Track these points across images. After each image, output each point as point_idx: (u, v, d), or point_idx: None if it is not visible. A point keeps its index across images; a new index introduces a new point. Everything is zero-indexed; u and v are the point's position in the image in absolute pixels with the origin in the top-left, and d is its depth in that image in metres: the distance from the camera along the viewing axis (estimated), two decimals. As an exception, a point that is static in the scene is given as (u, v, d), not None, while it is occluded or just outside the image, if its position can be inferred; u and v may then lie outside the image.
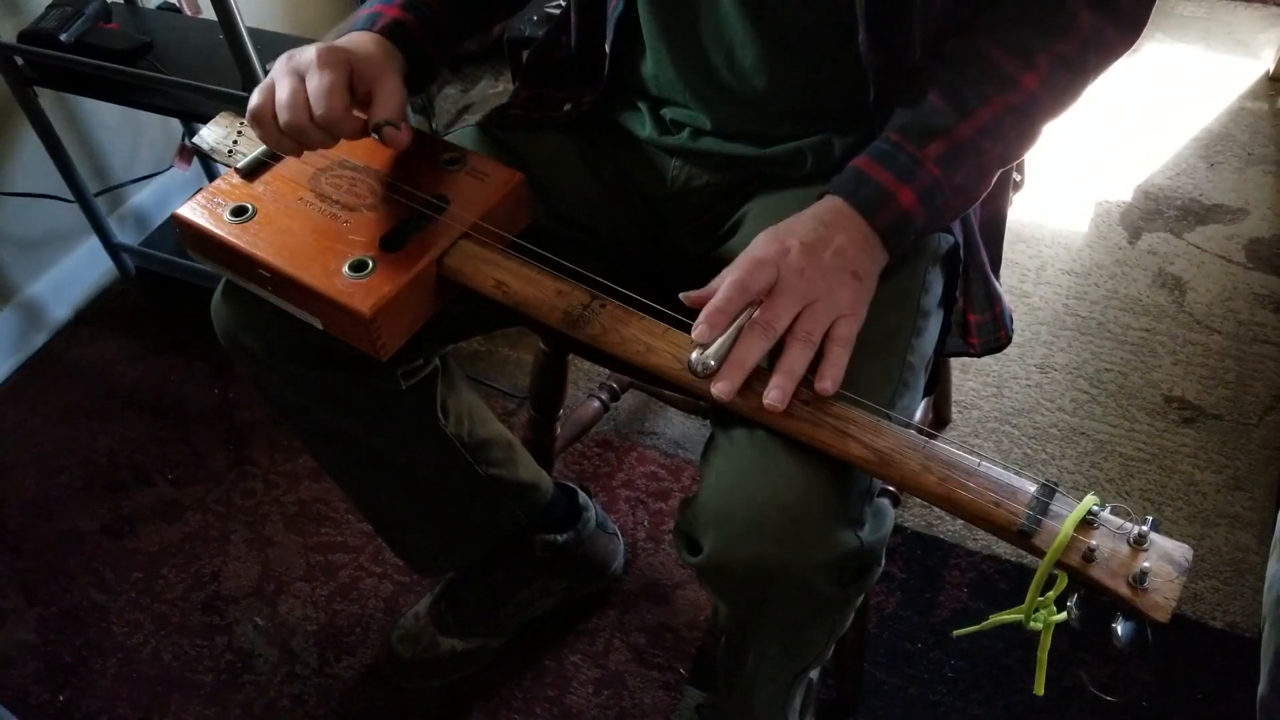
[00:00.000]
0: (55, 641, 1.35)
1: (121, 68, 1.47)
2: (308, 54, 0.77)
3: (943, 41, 0.79)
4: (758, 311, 0.70)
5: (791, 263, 0.71)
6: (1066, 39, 0.75)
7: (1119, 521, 0.62)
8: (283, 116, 0.75)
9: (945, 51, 0.78)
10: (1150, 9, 0.78)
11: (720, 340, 0.69)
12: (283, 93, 0.76)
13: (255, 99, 0.77)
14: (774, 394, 0.68)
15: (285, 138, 0.77)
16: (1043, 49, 0.75)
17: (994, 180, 0.80)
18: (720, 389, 0.68)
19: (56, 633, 1.36)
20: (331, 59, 0.76)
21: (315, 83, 0.75)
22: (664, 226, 0.96)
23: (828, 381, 0.69)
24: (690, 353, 0.70)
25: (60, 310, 1.80)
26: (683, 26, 0.85)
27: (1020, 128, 0.77)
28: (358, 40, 0.83)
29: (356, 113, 0.79)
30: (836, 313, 0.71)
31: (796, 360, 0.69)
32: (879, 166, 0.75)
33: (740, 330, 0.70)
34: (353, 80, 0.78)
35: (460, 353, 1.67)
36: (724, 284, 0.70)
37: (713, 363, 0.69)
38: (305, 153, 0.81)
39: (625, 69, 0.92)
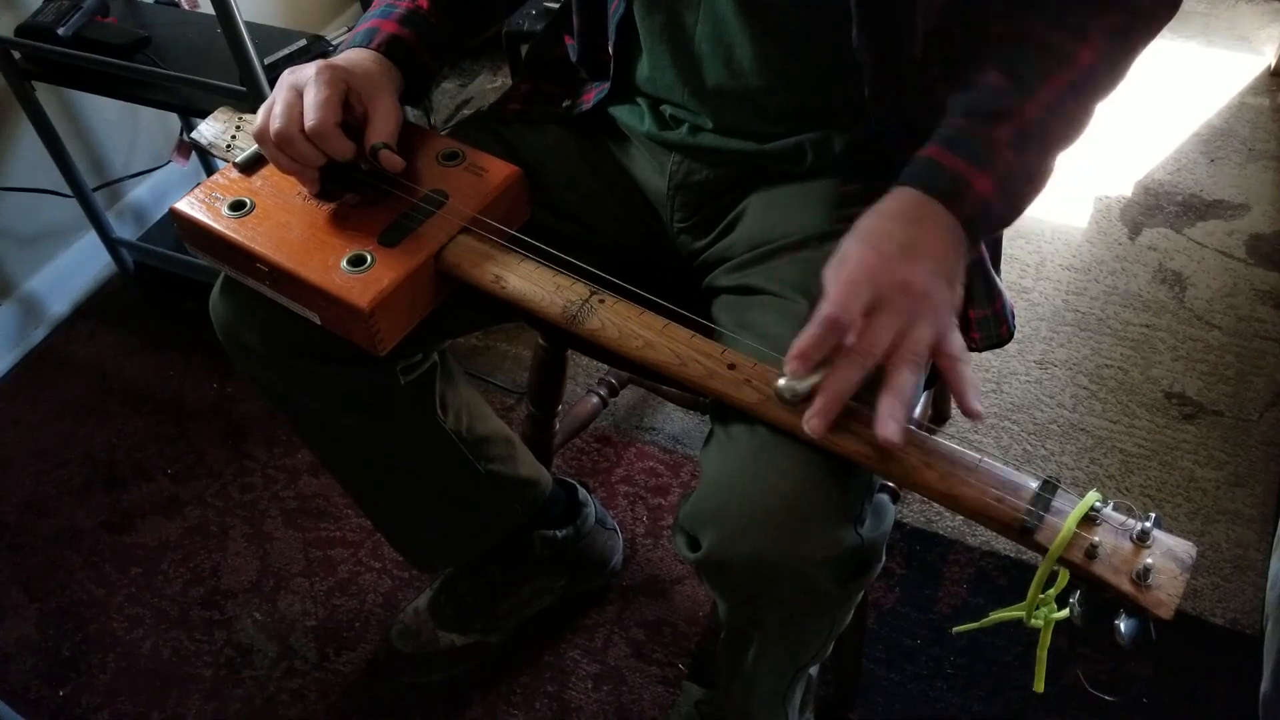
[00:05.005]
0: (55, 637, 1.35)
1: (119, 62, 1.46)
2: (308, 70, 0.79)
3: (946, 35, 0.79)
4: (854, 335, 0.65)
5: (892, 275, 0.65)
6: (1114, 11, 0.74)
7: (1121, 518, 0.62)
8: (273, 125, 0.78)
9: (993, 36, 0.76)
10: None
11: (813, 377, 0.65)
12: (278, 105, 0.78)
13: (258, 118, 0.80)
14: (892, 426, 0.62)
15: (279, 152, 0.79)
16: (1093, 22, 0.74)
17: (1054, 168, 0.77)
18: (813, 426, 0.64)
19: (56, 628, 1.36)
20: (329, 75, 0.79)
21: (310, 96, 0.78)
22: (663, 221, 0.95)
23: (975, 402, 0.64)
24: (778, 379, 0.67)
25: (59, 305, 1.79)
26: (680, 29, 0.84)
27: (1079, 106, 0.75)
28: (356, 58, 0.85)
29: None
30: (940, 327, 0.66)
31: (909, 384, 0.64)
32: (950, 153, 0.71)
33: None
34: (349, 97, 0.81)
35: (458, 348, 1.67)
36: (817, 317, 0.64)
37: (802, 389, 0.65)
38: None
39: (624, 69, 0.92)
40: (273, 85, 1.37)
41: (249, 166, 0.86)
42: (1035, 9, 0.75)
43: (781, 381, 0.66)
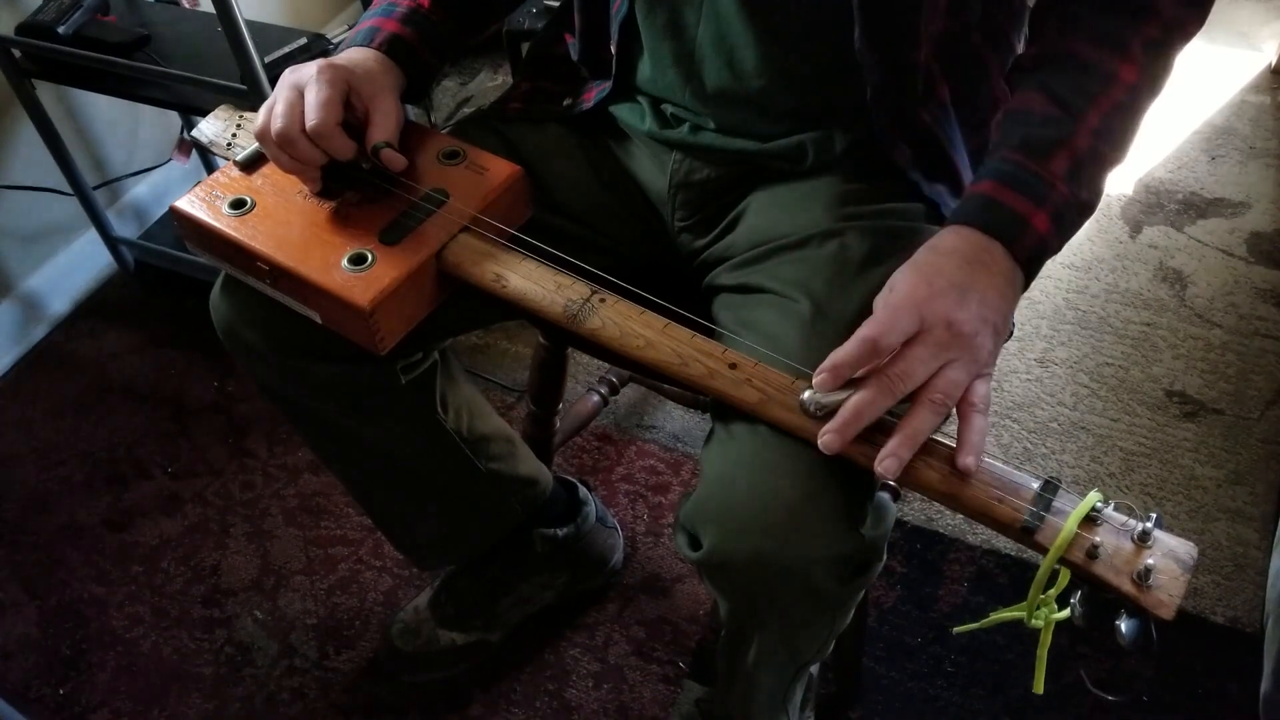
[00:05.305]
0: (55, 635, 1.35)
1: (120, 60, 1.46)
2: (309, 69, 0.79)
3: (951, 37, 0.79)
4: (890, 360, 0.64)
5: (939, 310, 0.65)
6: (1151, 22, 0.73)
7: (1123, 518, 0.62)
8: (275, 125, 0.78)
9: (1032, 59, 0.76)
10: None
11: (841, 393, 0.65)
12: (280, 104, 0.78)
13: (259, 117, 0.80)
14: (889, 463, 0.62)
15: (281, 151, 0.79)
16: (1133, 36, 0.73)
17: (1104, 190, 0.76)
18: (827, 442, 0.64)
19: (56, 626, 1.36)
20: (330, 75, 0.79)
21: (312, 96, 0.78)
22: (664, 220, 0.95)
23: (971, 457, 0.63)
24: (804, 390, 0.66)
25: (59, 303, 1.79)
26: (682, 29, 0.84)
27: (1126, 125, 0.74)
28: (357, 57, 0.85)
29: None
30: (976, 372, 0.66)
31: (925, 426, 0.64)
32: (1008, 189, 0.70)
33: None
34: (351, 96, 0.81)
35: (459, 346, 1.67)
36: (857, 335, 0.64)
37: (827, 403, 0.65)
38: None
39: (625, 68, 0.92)
40: (273, 84, 1.37)
41: (249, 165, 0.86)
42: (1074, 27, 0.74)
43: (806, 394, 0.66)
